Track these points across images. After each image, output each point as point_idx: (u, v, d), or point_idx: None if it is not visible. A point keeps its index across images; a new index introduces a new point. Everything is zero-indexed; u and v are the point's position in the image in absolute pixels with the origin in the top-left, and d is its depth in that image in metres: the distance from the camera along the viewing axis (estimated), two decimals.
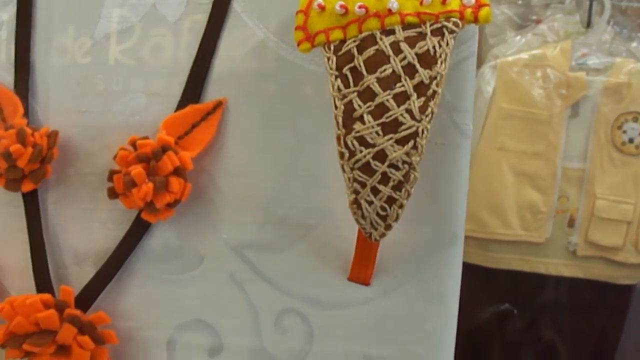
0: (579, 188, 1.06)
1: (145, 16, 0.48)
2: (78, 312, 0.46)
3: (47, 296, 0.47)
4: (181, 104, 0.47)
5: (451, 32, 0.38)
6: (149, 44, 0.48)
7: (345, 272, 0.46)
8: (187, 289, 0.48)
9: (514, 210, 1.04)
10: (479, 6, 0.39)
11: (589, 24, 1.09)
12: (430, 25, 0.38)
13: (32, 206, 0.49)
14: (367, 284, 0.45)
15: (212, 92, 0.46)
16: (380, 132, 0.38)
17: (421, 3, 0.38)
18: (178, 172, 0.45)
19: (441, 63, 0.38)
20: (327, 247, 0.46)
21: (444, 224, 0.45)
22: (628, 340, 1.08)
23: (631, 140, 1.00)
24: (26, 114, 0.49)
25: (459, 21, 0.38)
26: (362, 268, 0.45)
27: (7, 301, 0.47)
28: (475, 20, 0.39)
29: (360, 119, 0.38)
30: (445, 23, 0.38)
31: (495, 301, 1.13)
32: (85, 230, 0.49)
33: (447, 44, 0.38)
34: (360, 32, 0.38)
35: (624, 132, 1.00)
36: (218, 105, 0.46)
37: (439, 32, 0.38)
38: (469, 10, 0.38)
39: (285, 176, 0.46)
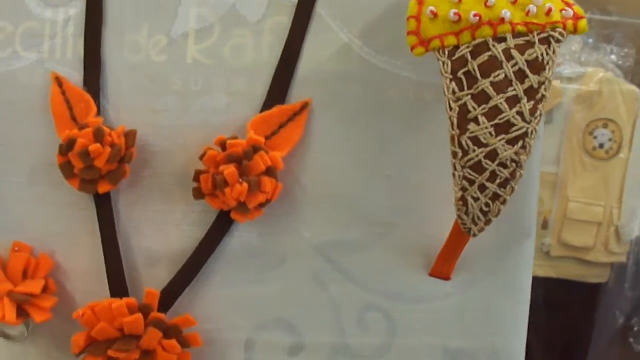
0: (552, 191, 1.13)
1: (225, 16, 0.50)
2: (163, 316, 0.47)
3: (131, 300, 0.47)
4: (267, 105, 0.49)
5: (557, 41, 0.43)
6: (230, 44, 0.50)
7: (427, 268, 0.49)
8: (267, 289, 0.50)
9: None
10: (577, 18, 0.44)
11: None
12: (538, 35, 0.42)
13: (106, 208, 0.49)
14: (448, 279, 0.49)
15: (297, 93, 0.49)
16: (493, 133, 0.42)
17: (527, 14, 0.43)
18: (269, 172, 0.47)
19: (549, 70, 0.42)
20: (409, 245, 0.50)
21: (520, 219, 0.50)
22: (600, 338, 1.18)
23: (601, 146, 1.10)
24: (99, 112, 0.49)
25: (564, 31, 0.43)
26: (446, 263, 0.48)
27: (88, 307, 0.47)
28: (575, 30, 0.44)
29: (475, 120, 0.42)
30: (552, 33, 0.43)
31: None
32: (159, 232, 0.50)
33: (554, 52, 0.43)
34: (474, 39, 0.42)
35: (595, 137, 1.09)
36: (305, 106, 0.49)
37: (546, 41, 0.43)
38: (570, 22, 0.43)
39: (369, 176, 0.49)
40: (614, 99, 1.10)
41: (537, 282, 1.13)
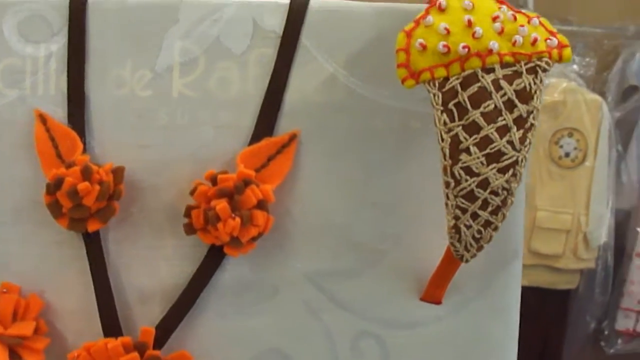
0: None
1: (209, 48, 0.50)
2: (158, 353, 0.47)
3: (126, 339, 0.47)
4: (254, 137, 0.49)
5: (544, 70, 0.44)
6: (215, 77, 0.50)
7: (417, 293, 0.50)
8: (260, 321, 0.50)
9: None
10: (561, 47, 0.45)
11: None
12: (525, 64, 0.44)
13: (95, 246, 0.49)
14: (439, 303, 0.50)
15: (284, 124, 0.49)
16: (485, 162, 0.43)
17: (514, 44, 0.44)
18: (261, 205, 0.47)
19: (536, 98, 0.44)
20: (399, 271, 0.51)
21: (507, 242, 0.51)
22: (573, 342, 1.22)
23: (567, 154, 1.13)
24: (85, 149, 0.49)
25: (549, 60, 0.44)
26: (437, 288, 0.50)
27: (83, 347, 0.47)
28: (560, 59, 0.45)
29: (467, 150, 0.43)
30: (538, 62, 0.44)
31: None
32: (149, 268, 0.50)
33: (541, 81, 0.44)
34: (463, 70, 0.43)
35: (561, 146, 1.13)
36: (293, 137, 0.49)
37: (532, 71, 0.44)
38: (555, 51, 0.45)
39: (357, 205, 0.50)
40: (577, 108, 1.13)
41: None
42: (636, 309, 1.22)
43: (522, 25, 0.44)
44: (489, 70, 0.43)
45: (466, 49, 0.43)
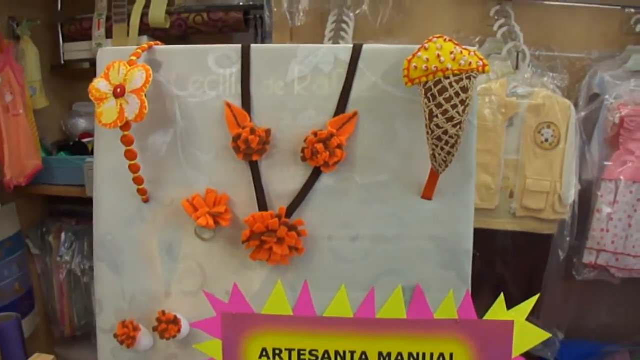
0: (515, 172, 1.57)
1: (313, 70, 0.98)
2: (288, 220, 0.96)
3: (272, 212, 0.96)
4: (336, 113, 0.97)
5: (475, 77, 0.91)
6: (316, 84, 0.98)
7: (420, 194, 0.98)
8: (338, 208, 0.99)
9: (475, 188, 1.54)
10: (484, 66, 0.92)
11: (517, 67, 1.61)
12: (465, 75, 0.90)
13: (256, 169, 0.98)
14: (430, 199, 0.97)
15: (350, 107, 0.98)
16: (446, 122, 0.90)
17: (460, 65, 0.90)
18: (339, 146, 0.95)
19: (470, 91, 0.90)
20: (412, 184, 0.98)
21: (464, 168, 0.97)
22: (551, 269, 1.61)
23: (547, 140, 1.52)
24: (250, 120, 0.98)
25: (477, 72, 0.91)
26: (429, 191, 0.96)
27: (250, 215, 0.96)
28: (484, 71, 0.92)
29: (436, 116, 0.90)
30: (472, 73, 0.90)
31: None
32: (282, 180, 0.99)
33: (473, 83, 0.91)
34: (435, 78, 0.90)
35: (542, 134, 1.53)
36: (354, 114, 0.97)
37: (468, 78, 0.90)
38: (481, 68, 0.92)
39: (387, 149, 0.97)
40: (553, 108, 1.50)
41: (507, 234, 1.62)
42: (596, 248, 1.58)
43: (464, 55, 0.91)
44: (447, 78, 0.90)
45: (435, 68, 0.90)
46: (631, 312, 1.80)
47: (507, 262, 1.71)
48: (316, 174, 0.98)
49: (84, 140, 2.05)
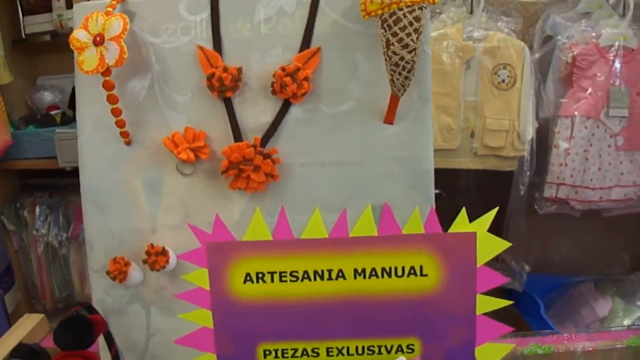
0: (475, 113, 1.69)
1: (278, 11, 1.10)
2: (262, 149, 1.08)
3: (247, 142, 1.08)
4: (301, 50, 1.09)
5: (426, 7, 1.03)
6: (280, 24, 1.10)
7: (382, 119, 1.10)
8: (306, 135, 1.10)
9: (437, 130, 1.69)
10: None
11: (471, 12, 1.73)
12: (417, 5, 1.02)
13: (230, 105, 1.10)
14: (391, 123, 1.09)
15: (314, 44, 1.09)
16: (401, 49, 1.02)
17: None
18: (305, 78, 1.07)
19: (422, 20, 1.02)
20: (374, 109, 1.10)
21: (420, 93, 1.09)
22: (513, 204, 1.74)
23: (503, 81, 1.65)
24: (222, 60, 1.10)
25: (428, 4, 1.03)
26: (390, 115, 1.08)
27: (227, 147, 1.07)
28: (433, 2, 1.04)
29: (393, 44, 1.02)
30: (423, 4, 1.02)
31: None
32: (254, 114, 1.10)
33: (424, 13, 1.03)
34: (389, 10, 1.02)
35: (498, 76, 1.65)
36: (317, 50, 1.09)
37: (421, 8, 1.02)
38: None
39: (350, 78, 1.09)
40: (508, 50, 1.61)
41: (471, 172, 1.75)
42: (556, 182, 1.71)
43: None
44: (401, 9, 1.01)
45: (390, 0, 1.02)
46: (594, 243, 1.95)
47: (472, 200, 1.78)
48: (286, 105, 1.09)
49: (52, 112, 2.12)
